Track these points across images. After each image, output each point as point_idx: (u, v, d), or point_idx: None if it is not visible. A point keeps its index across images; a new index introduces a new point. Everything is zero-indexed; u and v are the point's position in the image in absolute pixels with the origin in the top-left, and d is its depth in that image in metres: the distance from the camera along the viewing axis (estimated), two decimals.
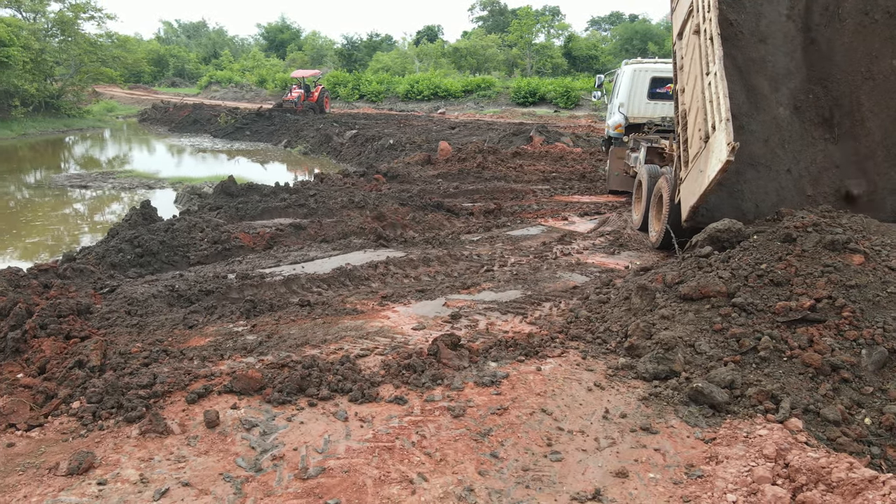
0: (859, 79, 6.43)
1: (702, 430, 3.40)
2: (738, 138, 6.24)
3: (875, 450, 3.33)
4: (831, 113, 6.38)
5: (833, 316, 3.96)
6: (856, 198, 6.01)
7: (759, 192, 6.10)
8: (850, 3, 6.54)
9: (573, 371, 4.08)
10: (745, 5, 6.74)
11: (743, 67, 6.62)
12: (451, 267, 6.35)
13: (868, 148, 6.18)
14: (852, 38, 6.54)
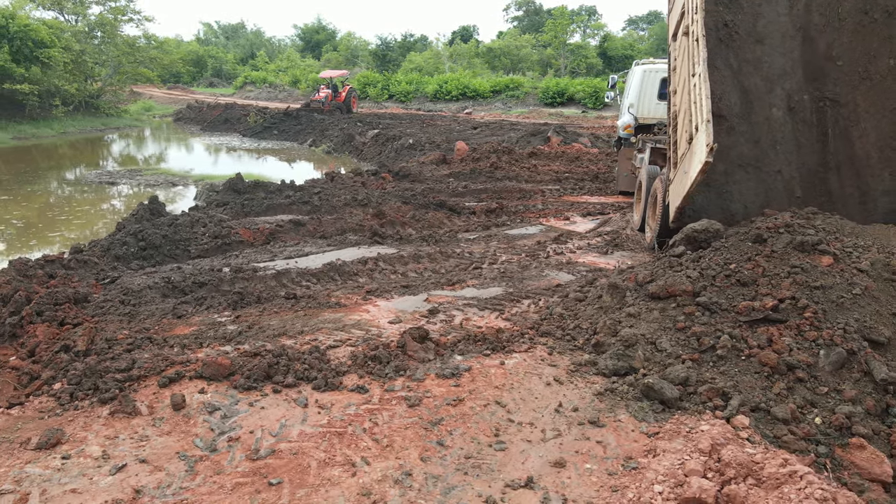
0: (856, 79, 6.35)
1: (648, 424, 3.47)
2: (728, 140, 6.27)
3: (822, 449, 3.35)
4: (826, 114, 6.32)
5: (795, 316, 3.97)
6: (847, 199, 5.94)
7: (748, 193, 6.06)
8: (849, 3, 6.45)
9: (536, 366, 4.17)
10: (743, 6, 6.72)
11: (738, 68, 6.60)
12: (441, 264, 6.48)
13: (862, 149, 6.09)
14: (851, 38, 6.46)
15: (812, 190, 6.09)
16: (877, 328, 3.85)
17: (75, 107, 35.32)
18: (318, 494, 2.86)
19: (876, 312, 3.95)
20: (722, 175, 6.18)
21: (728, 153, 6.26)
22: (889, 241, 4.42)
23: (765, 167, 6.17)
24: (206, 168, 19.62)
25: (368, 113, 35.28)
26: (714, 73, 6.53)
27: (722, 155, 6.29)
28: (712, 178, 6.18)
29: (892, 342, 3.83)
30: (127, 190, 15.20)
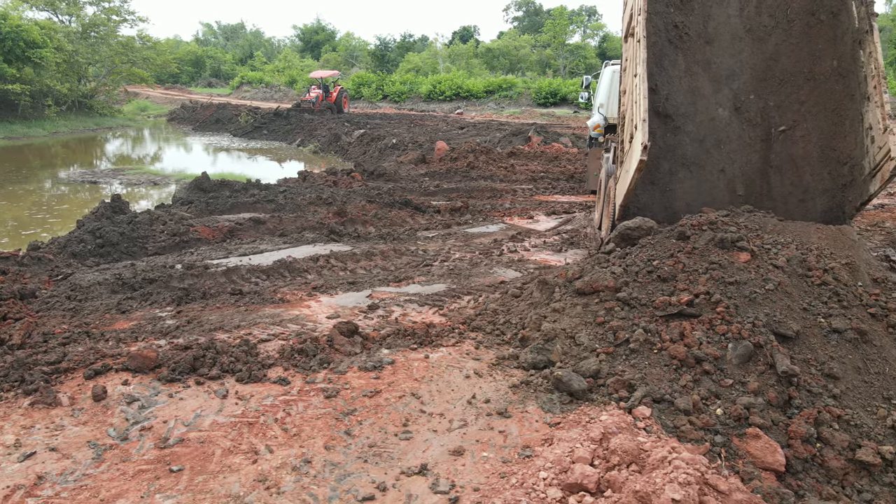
0: (801, 80, 6.45)
1: (553, 415, 3.57)
2: (673, 139, 6.39)
3: (719, 438, 3.45)
4: (771, 114, 6.43)
5: (708, 311, 4.08)
6: (787, 198, 6.05)
7: (692, 192, 6.16)
8: (798, 4, 6.56)
9: (460, 359, 4.28)
10: (695, 8, 6.82)
11: (686, 69, 6.72)
12: (393, 261, 6.58)
13: (804, 149, 6.19)
14: (799, 39, 6.56)
15: (754, 188, 6.20)
16: (785, 322, 3.95)
17: (68, 107, 35.46)
18: (216, 480, 2.96)
19: (787, 307, 4.05)
20: (666, 174, 6.31)
21: (673, 152, 6.40)
22: (809, 239, 4.53)
23: (708, 166, 6.27)
24: (190, 167, 19.71)
25: (360, 113, 35.41)
26: (662, 74, 6.66)
27: (667, 154, 6.43)
28: (656, 177, 6.32)
29: (800, 336, 3.93)
30: (108, 189, 15.30)
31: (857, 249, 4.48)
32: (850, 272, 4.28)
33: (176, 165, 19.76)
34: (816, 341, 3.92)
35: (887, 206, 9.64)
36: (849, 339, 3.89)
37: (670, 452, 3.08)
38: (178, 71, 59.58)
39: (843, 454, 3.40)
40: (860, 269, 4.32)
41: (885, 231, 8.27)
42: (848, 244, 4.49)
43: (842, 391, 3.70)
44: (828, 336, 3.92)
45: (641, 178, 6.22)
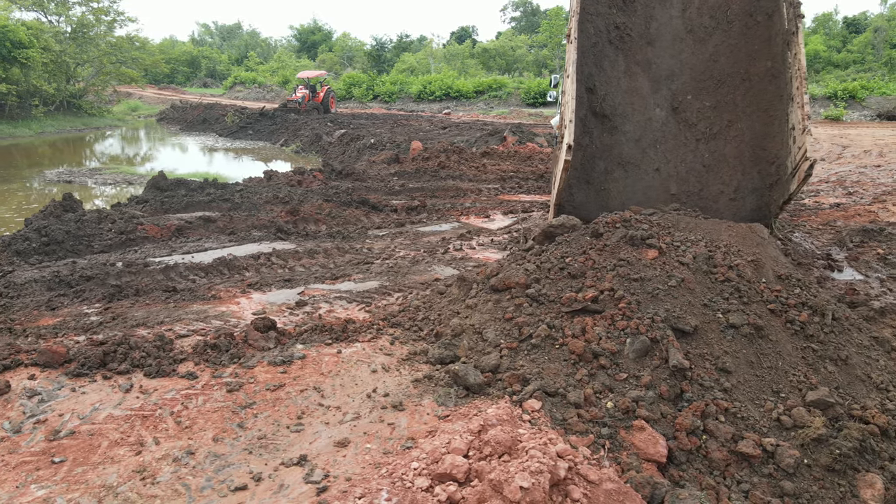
0: (738, 80, 6.55)
1: (446, 408, 3.64)
2: (610, 139, 6.51)
3: (605, 431, 3.52)
4: (708, 114, 6.53)
5: (611, 307, 4.15)
6: (719, 196, 6.14)
7: (627, 190, 6.27)
8: (737, 5, 6.66)
9: (371, 355, 4.34)
10: (637, 9, 6.92)
11: (626, 69, 6.82)
12: (334, 259, 6.65)
13: (737, 148, 6.29)
14: (737, 40, 6.66)
15: (687, 187, 6.29)
16: (684, 318, 4.02)
17: (56, 107, 35.47)
18: (95, 472, 3.03)
19: (688, 303, 4.13)
20: (602, 173, 6.41)
21: (610, 152, 6.50)
22: (719, 237, 4.60)
23: (644, 165, 6.38)
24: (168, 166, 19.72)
25: (348, 113, 35.46)
26: (601, 75, 6.76)
27: (603, 153, 6.54)
28: (592, 177, 6.44)
29: (698, 331, 4.01)
30: (81, 189, 15.34)
31: (764, 247, 4.56)
32: (754, 269, 4.36)
33: (154, 165, 19.79)
34: (713, 336, 3.99)
35: (843, 205, 9.73)
36: (744, 334, 3.96)
37: (545, 444, 3.15)
38: (168, 71, 59.63)
39: (726, 446, 3.47)
40: (765, 266, 4.40)
41: (835, 230, 8.36)
42: (756, 242, 4.57)
43: (733, 385, 3.77)
44: (725, 331, 4.00)
45: (576, 178, 6.38)
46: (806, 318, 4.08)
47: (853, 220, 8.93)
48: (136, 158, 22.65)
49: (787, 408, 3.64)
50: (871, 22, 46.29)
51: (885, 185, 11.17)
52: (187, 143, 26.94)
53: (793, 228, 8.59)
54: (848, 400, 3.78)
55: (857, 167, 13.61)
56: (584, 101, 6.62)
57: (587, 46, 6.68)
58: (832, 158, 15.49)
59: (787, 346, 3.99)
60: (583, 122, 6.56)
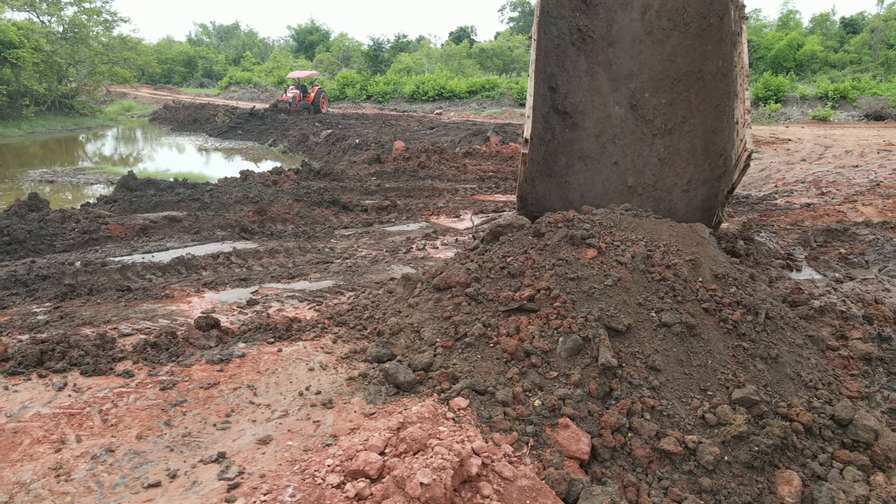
0: (693, 79, 6.75)
1: (374, 406, 3.67)
2: (571, 135, 6.72)
3: (530, 428, 3.55)
4: (664, 111, 6.71)
5: (547, 306, 4.18)
6: (672, 188, 6.31)
7: (586, 183, 6.57)
8: (693, 8, 6.86)
9: (312, 353, 4.37)
10: (600, 12, 7.15)
11: (587, 69, 7.00)
12: (295, 259, 6.67)
13: (690, 143, 6.52)
14: (693, 41, 6.88)
15: (643, 179, 6.58)
16: (618, 317, 4.06)
17: (48, 107, 35.47)
18: (12, 469, 3.05)
19: (623, 302, 4.16)
20: (563, 167, 6.71)
21: (571, 147, 6.77)
22: (660, 236, 4.64)
23: (603, 159, 6.69)
24: (153, 166, 19.78)
25: (339, 113, 35.48)
26: (563, 74, 6.99)
27: (565, 148, 6.85)
28: (554, 170, 6.68)
29: (631, 329, 4.04)
30: (62, 189, 15.36)
31: (704, 247, 4.60)
32: (692, 268, 4.40)
33: (140, 165, 19.81)
34: (646, 335, 4.03)
35: (813, 205, 9.77)
36: (676, 332, 4.00)
37: (462, 441, 3.18)
38: (161, 71, 59.63)
39: (649, 443, 3.51)
40: (703, 265, 4.43)
41: (802, 230, 8.40)
42: (696, 241, 4.60)
43: (661, 383, 3.80)
44: (657, 330, 4.03)
45: (539, 171, 6.59)
46: (739, 317, 4.12)
47: (821, 220, 8.98)
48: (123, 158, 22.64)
49: (713, 405, 3.67)
50: (869, 22, 46.33)
51: (859, 186, 11.22)
52: (176, 144, 26.95)
53: (760, 228, 8.64)
54: (776, 398, 3.82)
55: (836, 167, 13.65)
56: (546, 98, 6.99)
57: (551, 47, 7.03)
58: (813, 159, 15.54)
59: (718, 344, 4.02)
60: (545, 119, 6.87)
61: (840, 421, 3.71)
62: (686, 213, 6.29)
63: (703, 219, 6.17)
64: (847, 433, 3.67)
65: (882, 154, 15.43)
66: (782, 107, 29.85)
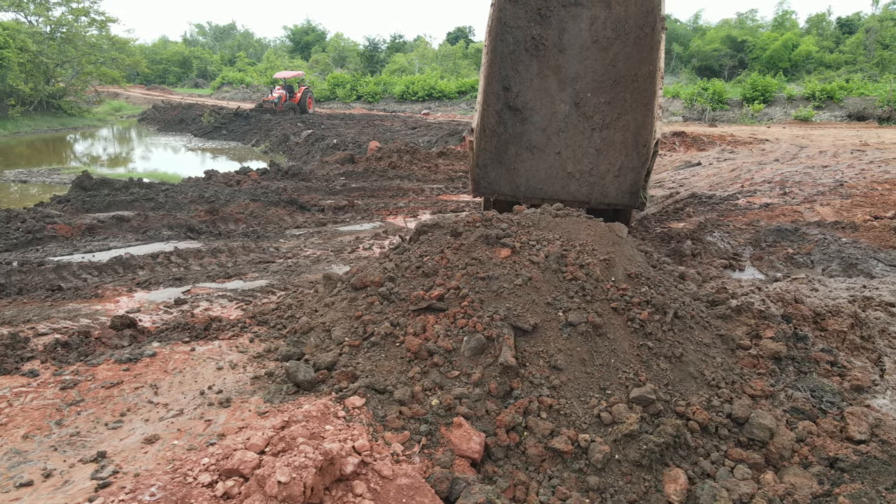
0: (629, 80, 7.32)
1: (271, 405, 3.67)
2: (521, 128, 7.87)
3: (424, 427, 3.55)
4: (603, 108, 7.31)
5: (455, 305, 4.19)
6: (605, 174, 7.11)
7: (532, 170, 7.34)
8: (632, 20, 7.58)
9: (224, 352, 4.37)
10: (553, 23, 7.88)
11: (538, 72, 7.65)
12: (237, 258, 6.67)
13: (623, 136, 7.23)
14: (631, 48, 7.58)
15: (581, 167, 7.31)
16: (524, 316, 4.06)
17: (35, 107, 35.37)
18: None
19: (531, 302, 4.16)
20: (513, 156, 7.53)
21: (520, 139, 7.71)
22: (577, 235, 4.64)
23: (548, 150, 7.45)
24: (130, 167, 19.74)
25: (326, 113, 35.44)
26: (516, 76, 7.75)
27: (515, 140, 7.68)
28: (504, 159, 7.54)
29: (537, 329, 4.05)
30: (34, 188, 15.32)
31: (620, 246, 4.60)
32: (605, 268, 4.40)
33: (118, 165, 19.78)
34: (552, 334, 4.03)
35: (772, 205, 9.80)
36: (581, 332, 4.00)
37: (345, 440, 3.19)
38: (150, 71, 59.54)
39: (543, 442, 3.51)
40: (616, 264, 4.44)
41: (755, 230, 8.42)
42: (612, 241, 4.61)
43: (562, 382, 3.81)
44: (563, 329, 4.04)
45: (491, 160, 7.42)
46: (646, 317, 4.13)
47: (777, 220, 9.01)
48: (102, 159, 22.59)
49: (610, 404, 3.67)
50: (865, 23, 46.36)
51: (823, 186, 11.25)
52: (160, 144, 26.90)
53: (714, 228, 8.66)
54: (676, 396, 3.83)
55: (805, 168, 13.69)
56: (501, 97, 8.04)
57: (506, 53, 7.96)
58: (786, 159, 15.58)
59: (624, 343, 4.03)
60: (499, 115, 7.72)
61: (737, 419, 3.73)
62: (617, 196, 7.06)
63: (630, 200, 6.93)
64: (743, 432, 3.69)
65: (854, 154, 15.47)
66: (766, 107, 29.91)
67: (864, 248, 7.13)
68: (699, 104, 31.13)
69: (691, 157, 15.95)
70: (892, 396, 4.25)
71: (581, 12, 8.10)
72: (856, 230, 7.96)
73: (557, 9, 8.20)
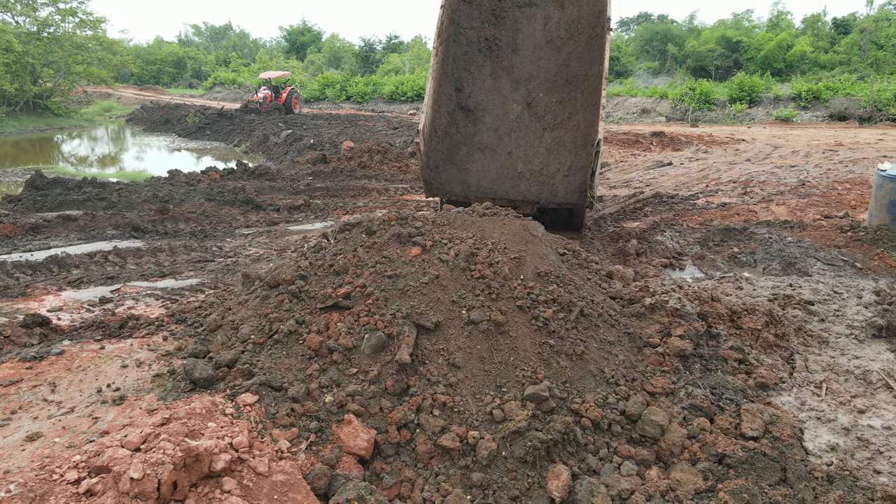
0: (581, 80, 7.29)
1: (163, 403, 3.67)
2: (473, 129, 7.93)
3: (314, 424, 3.56)
4: (555, 108, 7.35)
5: (360, 303, 4.19)
6: (555, 173, 7.18)
7: (483, 170, 7.43)
8: (585, 20, 7.56)
9: (134, 351, 4.37)
10: (507, 24, 7.94)
11: (492, 72, 7.70)
12: (178, 257, 6.66)
13: (572, 135, 7.31)
14: (584, 48, 7.56)
15: (532, 167, 7.37)
16: (427, 314, 4.08)
17: (21, 107, 35.28)
18: None
19: (437, 300, 4.18)
20: (465, 156, 7.61)
21: (472, 139, 7.76)
22: (491, 234, 4.66)
23: (499, 150, 7.53)
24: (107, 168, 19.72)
25: (312, 114, 35.43)
26: (469, 77, 7.87)
27: (467, 140, 7.75)
28: (456, 159, 7.62)
29: (440, 327, 4.06)
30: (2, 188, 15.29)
31: (533, 245, 4.61)
32: (515, 266, 4.42)
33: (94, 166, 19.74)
34: (453, 332, 4.04)
35: (729, 205, 9.83)
36: (483, 329, 4.01)
37: (223, 437, 3.20)
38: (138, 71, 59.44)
39: (432, 439, 3.52)
40: (527, 263, 4.45)
41: (706, 229, 8.45)
42: (526, 240, 4.62)
43: (459, 380, 3.82)
44: (464, 327, 4.05)
45: (443, 160, 7.50)
46: (551, 315, 4.14)
47: (731, 219, 9.04)
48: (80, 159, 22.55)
49: (504, 402, 3.69)
50: (860, 23, 46.33)
51: (785, 186, 11.29)
52: (142, 144, 26.86)
53: (667, 227, 8.68)
54: (573, 394, 3.84)
55: (773, 168, 13.73)
56: (453, 98, 8.02)
57: (459, 54, 8.02)
58: (759, 159, 15.62)
59: (525, 341, 4.04)
60: (451, 116, 7.81)
61: (630, 416, 3.74)
62: (566, 195, 7.12)
63: (579, 199, 7.02)
64: (636, 429, 3.71)
65: (826, 154, 15.52)
66: (749, 107, 30.00)
67: (806, 247, 7.16)
68: (685, 104, 31.20)
69: (664, 157, 15.99)
70: (797, 394, 4.28)
71: (535, 12, 8.16)
72: (804, 229, 7.99)
73: (512, 9, 8.26)
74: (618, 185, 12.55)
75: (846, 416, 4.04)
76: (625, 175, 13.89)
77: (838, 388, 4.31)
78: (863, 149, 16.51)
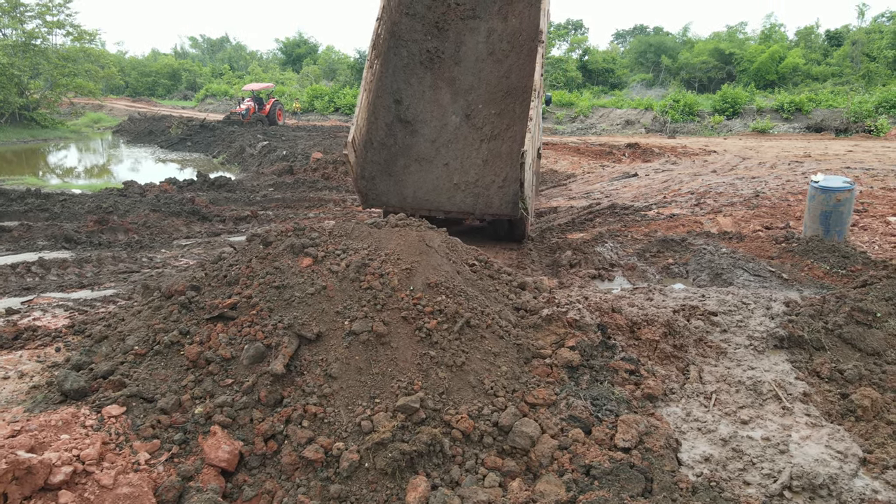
0: (520, 92, 7.43)
1: (29, 414, 3.64)
2: (411, 140, 8.04)
3: (178, 436, 3.54)
4: (493, 120, 7.44)
5: (245, 313, 4.19)
6: (490, 185, 7.23)
7: (420, 181, 7.49)
8: (525, 34, 7.65)
9: (20, 362, 4.35)
10: (450, 36, 8.02)
11: (433, 84, 7.78)
12: (104, 268, 6.65)
13: (508, 147, 7.38)
14: (524, 61, 7.64)
15: (468, 178, 7.44)
16: (309, 325, 4.07)
17: (6, 119, 35.31)
18: None
19: (321, 311, 4.17)
20: (402, 168, 7.64)
21: (409, 150, 7.83)
22: (386, 245, 4.66)
23: (436, 161, 7.60)
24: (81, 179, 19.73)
25: (296, 125, 35.51)
26: (408, 89, 7.97)
27: (404, 152, 7.83)
28: (393, 170, 7.66)
29: (322, 337, 4.05)
30: None
31: (428, 255, 4.61)
32: (405, 277, 4.41)
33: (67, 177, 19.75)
34: (334, 342, 4.03)
35: (677, 216, 9.86)
36: (363, 340, 4.00)
37: (71, 449, 3.17)
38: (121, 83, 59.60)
39: (297, 451, 3.50)
40: (418, 273, 4.45)
41: (647, 240, 8.46)
42: (420, 251, 4.62)
43: (334, 391, 3.81)
44: (345, 338, 4.04)
45: (380, 171, 7.56)
46: (434, 325, 4.13)
47: (676, 230, 9.06)
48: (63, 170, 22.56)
49: (374, 413, 3.67)
50: (852, 35, 46.53)
51: (740, 197, 11.34)
52: (122, 155, 26.87)
53: (610, 238, 8.70)
54: (449, 405, 3.83)
55: (735, 179, 13.79)
56: (391, 109, 8.08)
57: (399, 66, 8.17)
58: (725, 170, 15.69)
59: (406, 352, 4.03)
60: (389, 127, 7.90)
61: (503, 428, 3.73)
62: (500, 206, 7.18)
63: (513, 211, 7.08)
64: (507, 440, 3.70)
65: (791, 166, 15.60)
66: (727, 119, 30.18)
67: (737, 258, 7.18)
68: (668, 116, 31.37)
69: (631, 169, 16.05)
70: (685, 405, 4.27)
71: (479, 25, 8.22)
72: (741, 240, 8.01)
73: (455, 21, 8.30)
74: (577, 197, 12.59)
75: (728, 427, 4.04)
76: (588, 186, 13.93)
77: (727, 399, 4.31)
78: (830, 160, 16.60)
